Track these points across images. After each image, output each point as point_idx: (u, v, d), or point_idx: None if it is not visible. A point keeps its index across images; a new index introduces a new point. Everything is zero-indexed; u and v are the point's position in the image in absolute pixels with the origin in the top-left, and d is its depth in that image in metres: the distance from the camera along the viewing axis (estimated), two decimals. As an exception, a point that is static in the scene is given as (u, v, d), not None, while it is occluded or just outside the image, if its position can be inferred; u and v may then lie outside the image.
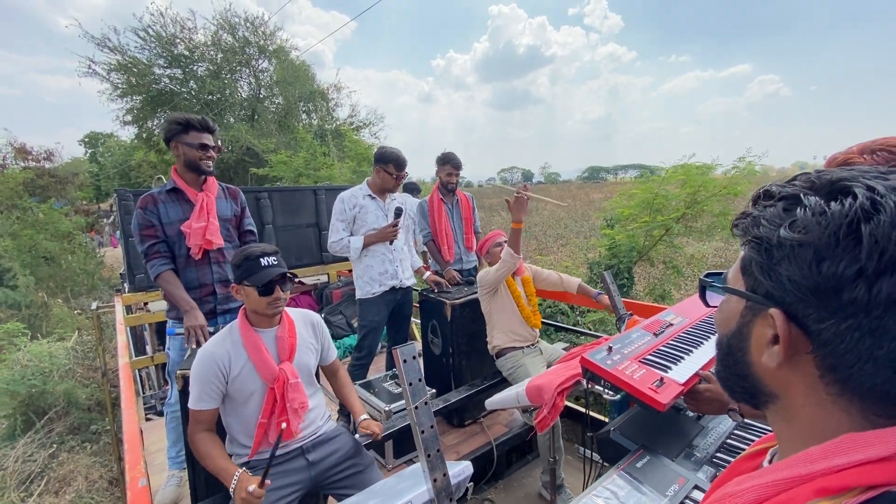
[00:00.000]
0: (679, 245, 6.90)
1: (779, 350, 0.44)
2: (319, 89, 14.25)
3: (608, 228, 7.31)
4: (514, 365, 2.63)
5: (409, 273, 3.07)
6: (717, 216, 6.25)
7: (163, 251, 2.23)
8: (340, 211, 2.86)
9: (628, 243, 6.51)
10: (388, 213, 2.93)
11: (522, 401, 1.77)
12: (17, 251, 8.12)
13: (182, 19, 12.49)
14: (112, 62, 11.95)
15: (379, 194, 2.94)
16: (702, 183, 6.13)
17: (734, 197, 6.19)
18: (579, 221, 20.97)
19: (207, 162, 2.26)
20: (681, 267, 6.90)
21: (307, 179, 9.74)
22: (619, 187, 11.34)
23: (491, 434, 2.80)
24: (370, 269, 2.90)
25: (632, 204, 6.72)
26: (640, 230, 6.49)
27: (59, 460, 4.27)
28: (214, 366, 1.65)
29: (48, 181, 12.55)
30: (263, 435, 1.74)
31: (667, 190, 6.45)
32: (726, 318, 0.52)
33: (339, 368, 2.05)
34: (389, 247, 2.92)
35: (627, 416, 1.60)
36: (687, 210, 6.31)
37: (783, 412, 0.48)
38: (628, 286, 6.44)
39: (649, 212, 6.45)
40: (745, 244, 0.48)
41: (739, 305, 0.49)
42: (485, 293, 2.73)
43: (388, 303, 2.97)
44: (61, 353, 5.33)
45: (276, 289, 1.70)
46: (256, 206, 4.41)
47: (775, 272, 0.44)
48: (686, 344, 1.66)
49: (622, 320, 2.32)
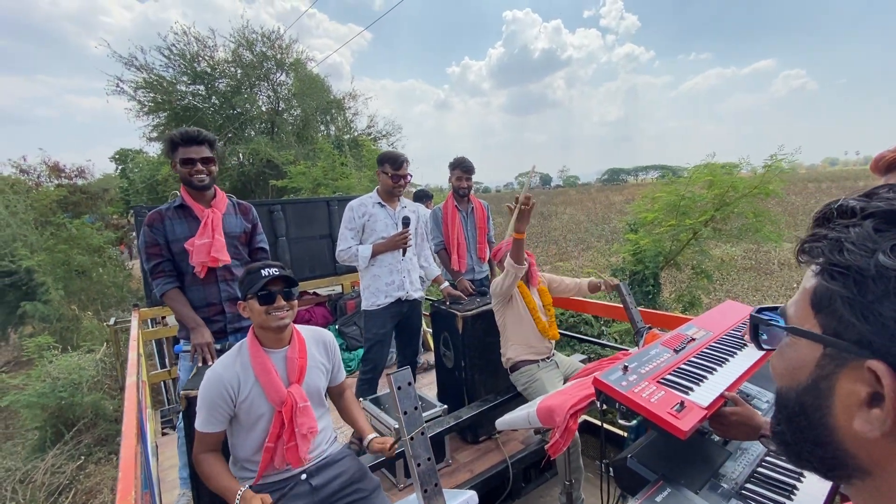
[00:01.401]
0: (708, 249, 6.61)
1: (882, 415, 0.34)
2: (336, 99, 14.42)
3: (632, 233, 7.06)
4: (529, 379, 2.52)
5: (417, 285, 2.98)
6: (750, 218, 5.93)
7: (168, 270, 2.21)
8: (349, 219, 2.80)
9: (654, 248, 6.26)
10: (397, 221, 2.85)
11: (533, 422, 1.67)
12: (51, 265, 8.40)
13: (203, 38, 12.85)
14: (139, 80, 12.36)
15: (388, 202, 2.86)
16: (731, 183, 5.84)
17: (765, 197, 5.88)
18: (600, 225, 20.60)
19: (199, 176, 2.17)
20: (710, 272, 6.61)
21: (326, 189, 9.81)
22: (640, 189, 11.05)
23: (506, 451, 2.68)
24: (377, 280, 2.83)
25: (656, 207, 6.47)
26: (666, 234, 6.23)
27: (87, 472, 4.34)
28: (222, 388, 1.61)
29: (80, 197, 12.99)
30: (270, 460, 1.68)
31: (693, 191, 6.19)
32: (793, 368, 0.42)
33: (346, 389, 1.98)
34: (397, 257, 2.84)
35: (646, 441, 1.48)
36: (716, 212, 6.02)
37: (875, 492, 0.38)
38: (654, 293, 6.20)
39: (675, 215, 6.19)
40: (820, 273, 0.38)
41: (814, 353, 0.39)
42: (498, 304, 2.63)
43: (393, 315, 2.88)
44: (90, 365, 5.43)
45: (277, 297, 1.65)
46: (270, 219, 4.42)
47: (873, 312, 0.34)
48: (710, 361, 1.54)
49: (640, 334, 2.19)
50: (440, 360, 3.02)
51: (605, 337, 5.38)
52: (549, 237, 18.79)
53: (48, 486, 4.10)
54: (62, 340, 7.26)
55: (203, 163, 2.17)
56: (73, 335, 7.70)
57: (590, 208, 27.69)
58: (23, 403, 4.51)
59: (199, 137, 2.17)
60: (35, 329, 7.96)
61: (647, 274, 6.22)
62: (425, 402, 2.67)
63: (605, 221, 21.31)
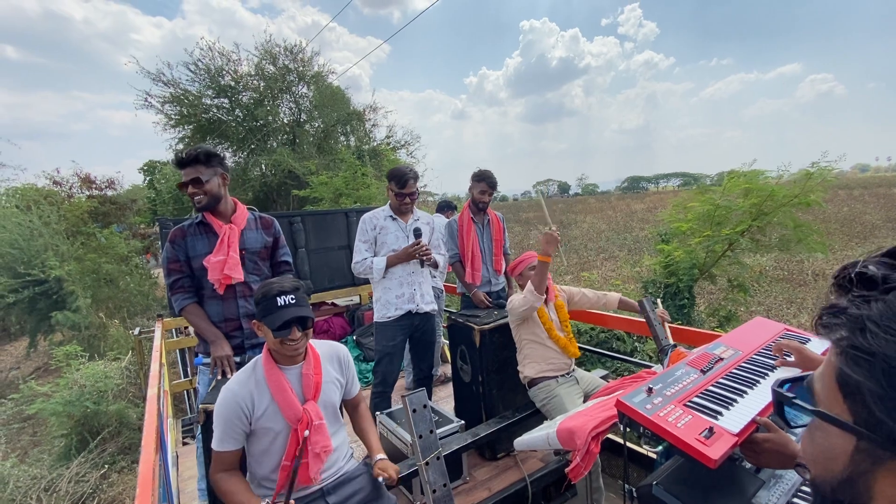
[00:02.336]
0: (745, 262, 6.30)
1: None
2: (355, 111, 14.62)
3: (663, 243, 6.83)
4: (547, 396, 2.46)
5: (430, 298, 2.95)
6: (790, 228, 5.66)
7: (187, 285, 2.22)
8: (362, 231, 2.82)
9: (688, 260, 6.00)
10: (409, 233, 2.84)
11: (553, 444, 1.61)
12: (81, 274, 8.64)
13: (228, 52, 13.22)
14: (166, 94, 12.76)
15: (400, 215, 2.86)
16: (769, 192, 5.59)
17: (806, 207, 5.62)
18: (622, 234, 20.28)
19: (196, 198, 2.15)
20: (747, 284, 6.32)
21: (347, 199, 9.90)
22: (662, 197, 10.82)
23: (525, 469, 2.62)
24: (388, 292, 2.83)
25: (689, 217, 6.25)
26: (700, 245, 5.99)
27: (110, 481, 4.38)
28: (237, 406, 1.60)
29: (109, 208, 13.37)
30: (287, 478, 1.67)
31: (729, 200, 5.94)
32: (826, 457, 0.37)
33: (360, 402, 1.95)
34: (409, 269, 2.82)
35: (673, 466, 1.41)
36: (753, 222, 5.77)
37: None
38: (689, 307, 5.96)
39: (710, 225, 5.96)
40: (843, 354, 0.34)
41: (847, 444, 0.34)
42: (514, 321, 2.58)
43: (403, 328, 2.85)
44: (116, 374, 5.48)
45: (292, 329, 1.63)
46: (290, 230, 4.47)
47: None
48: (740, 383, 1.46)
49: (665, 352, 2.11)
50: (457, 374, 2.98)
51: (639, 354, 5.17)
52: (569, 246, 18.56)
53: (72, 496, 4.13)
54: (90, 348, 7.42)
55: (194, 184, 2.14)
56: (100, 343, 7.88)
57: (610, 217, 27.35)
58: (50, 411, 4.57)
59: (186, 159, 2.13)
60: (64, 336, 8.17)
61: (681, 287, 5.98)
62: (442, 417, 2.63)
63: (626, 230, 20.98)
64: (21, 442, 5.56)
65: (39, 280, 7.86)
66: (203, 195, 2.16)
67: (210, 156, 2.17)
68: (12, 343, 10.44)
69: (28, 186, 11.50)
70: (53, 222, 8.84)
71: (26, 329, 8.69)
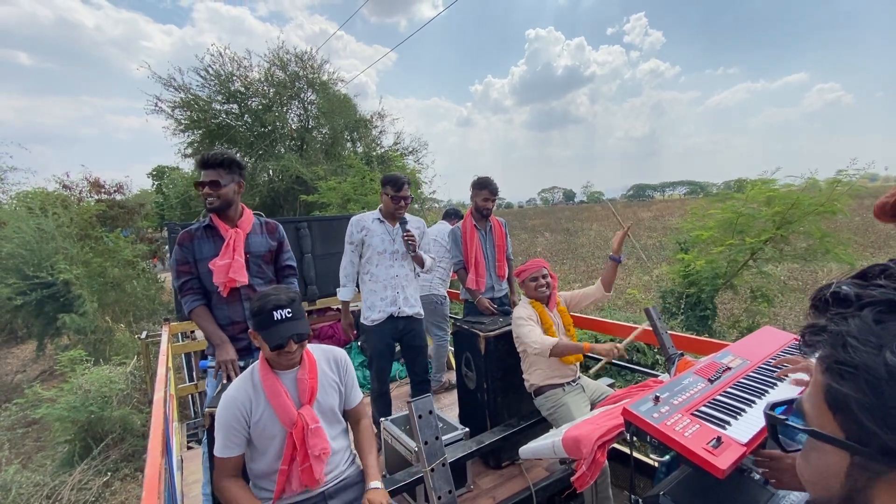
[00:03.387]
0: (768, 272, 6.15)
1: None
2: (363, 118, 14.70)
3: (683, 252, 6.68)
4: (554, 404, 2.44)
5: (412, 301, 2.96)
6: (817, 237, 5.50)
7: (195, 287, 2.25)
8: (349, 234, 2.91)
9: (710, 269, 5.86)
10: (394, 237, 2.90)
11: (559, 452, 1.60)
12: (88, 278, 8.68)
13: (239, 58, 13.34)
14: (176, 100, 12.88)
15: (388, 219, 2.92)
16: (795, 200, 5.46)
17: (831, 215, 5.50)
18: (629, 242, 20.17)
19: (209, 199, 2.22)
20: (771, 295, 6.15)
21: (355, 205, 9.92)
22: (669, 205, 10.73)
23: (530, 478, 2.59)
24: (373, 294, 2.90)
25: (710, 225, 6.10)
26: (723, 254, 5.83)
27: (113, 489, 4.32)
28: (237, 410, 1.62)
29: (118, 212, 13.47)
30: (285, 482, 1.68)
31: (752, 208, 5.80)
32: (823, 476, 0.37)
33: (362, 417, 1.92)
34: (392, 272, 2.88)
35: (680, 476, 1.40)
36: (777, 231, 5.63)
37: None
38: (711, 318, 5.82)
39: (732, 233, 5.82)
40: (828, 371, 0.34)
41: (842, 461, 0.34)
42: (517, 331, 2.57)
43: (389, 331, 2.90)
44: (120, 379, 5.46)
45: (288, 342, 1.62)
46: (296, 235, 4.48)
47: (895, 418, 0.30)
48: (748, 393, 1.45)
49: (672, 361, 2.09)
50: (462, 381, 2.97)
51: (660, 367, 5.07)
52: (576, 254, 18.44)
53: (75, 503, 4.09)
54: (95, 352, 7.42)
55: (211, 186, 2.21)
56: (106, 347, 7.89)
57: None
58: (54, 416, 4.54)
59: (210, 161, 2.21)
60: (71, 340, 8.18)
61: (702, 297, 5.83)
62: (446, 424, 2.61)
63: (634, 238, 20.84)
64: (25, 447, 5.50)
65: (47, 283, 7.90)
66: (216, 198, 2.22)
67: (233, 163, 2.26)
68: (18, 346, 10.48)
69: (39, 190, 11.63)
70: (65, 225, 8.91)
71: (33, 332, 8.71)
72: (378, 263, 2.88)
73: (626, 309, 7.64)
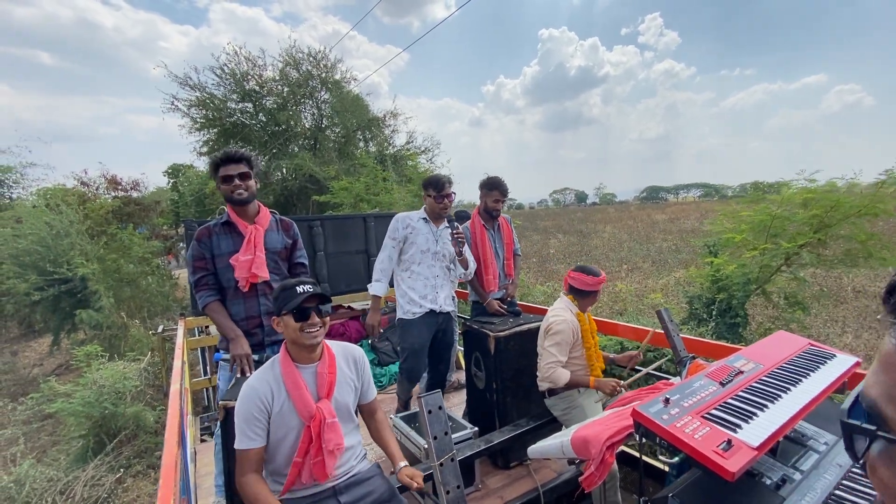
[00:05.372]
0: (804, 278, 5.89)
1: None
2: (375, 117, 14.77)
3: (710, 255, 6.44)
4: (568, 405, 2.44)
5: (449, 302, 3.05)
6: (861, 241, 5.21)
7: (211, 283, 2.30)
8: (393, 229, 2.96)
9: (742, 274, 5.62)
10: (438, 238, 2.96)
11: (567, 452, 1.60)
12: (103, 274, 8.81)
13: (253, 57, 13.48)
14: (192, 98, 13.05)
15: (433, 220, 2.99)
16: (834, 202, 5.18)
17: (873, 217, 5.22)
18: (644, 244, 19.87)
19: (238, 192, 2.27)
20: (807, 303, 5.89)
21: (367, 205, 9.97)
22: (684, 207, 10.53)
23: (538, 479, 2.59)
24: (412, 291, 2.95)
25: (742, 228, 5.83)
26: (758, 258, 5.56)
27: (125, 486, 4.33)
28: (258, 400, 1.64)
29: (133, 209, 13.69)
30: (297, 474, 1.70)
31: (787, 210, 5.54)
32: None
33: (377, 410, 1.97)
34: (434, 272, 2.96)
35: (690, 479, 1.39)
36: (815, 234, 5.35)
37: None
38: (742, 325, 5.59)
39: (766, 236, 5.57)
40: None
41: None
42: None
43: (429, 325, 2.96)
44: (134, 375, 5.48)
45: (311, 314, 1.67)
46: (310, 234, 4.53)
47: None
48: (760, 396, 1.44)
49: (683, 364, 2.08)
50: (471, 381, 2.98)
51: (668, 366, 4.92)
52: (590, 256, 18.21)
53: (87, 500, 4.09)
54: (110, 348, 7.50)
55: (240, 178, 2.27)
56: (121, 343, 7.99)
57: (631, 227, 26.90)
58: (69, 411, 4.57)
59: (235, 156, 2.27)
60: (87, 335, 8.32)
61: (733, 304, 5.58)
62: (455, 423, 2.63)
63: (649, 241, 20.57)
64: (40, 441, 5.54)
65: (65, 279, 8.04)
66: (245, 190, 2.28)
67: (251, 159, 2.34)
68: (36, 339, 10.67)
69: (58, 187, 11.86)
70: (77, 222, 9.04)
71: (50, 326, 8.86)
72: (421, 262, 2.95)
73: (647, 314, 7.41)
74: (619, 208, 52.63)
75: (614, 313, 8.54)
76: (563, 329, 2.40)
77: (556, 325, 2.41)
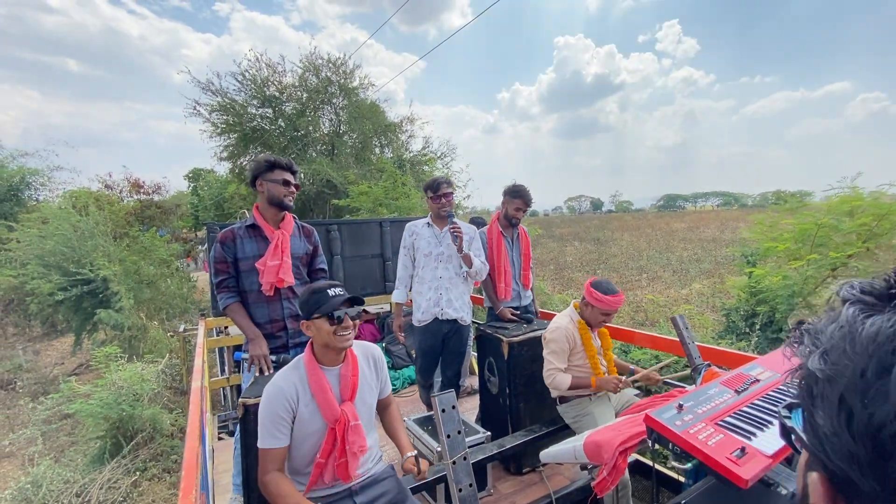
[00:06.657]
0: None
1: None
2: (391, 123, 14.91)
3: (748, 265, 6.23)
4: (579, 413, 2.43)
5: (458, 305, 3.03)
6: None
7: (231, 286, 2.35)
8: (404, 239, 3.11)
9: (785, 286, 5.36)
10: (440, 240, 3.02)
11: (580, 457, 1.61)
12: (125, 275, 9.01)
13: (274, 64, 13.74)
14: (214, 104, 13.35)
15: (437, 223, 3.07)
16: (886, 210, 4.98)
17: None
18: (663, 253, 19.57)
19: (290, 197, 2.41)
20: None
21: (386, 209, 10.02)
22: (703, 216, 10.33)
23: (550, 486, 2.58)
24: (420, 296, 3.05)
25: (785, 237, 5.59)
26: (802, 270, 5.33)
27: (140, 490, 4.33)
28: (284, 400, 1.65)
29: (154, 211, 14.05)
30: (319, 475, 1.71)
31: (835, 219, 5.30)
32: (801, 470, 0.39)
33: (391, 403, 2.00)
34: (437, 274, 3.01)
35: (703, 487, 1.39)
36: (864, 244, 5.13)
37: None
38: None
39: (810, 246, 5.33)
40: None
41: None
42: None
43: (434, 333, 3.04)
44: (152, 377, 5.48)
45: (345, 318, 1.70)
46: (327, 238, 4.61)
47: (813, 422, 0.33)
48: (775, 405, 1.43)
49: (698, 371, 2.07)
50: (484, 386, 2.99)
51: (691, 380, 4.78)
52: (608, 264, 17.96)
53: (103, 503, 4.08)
54: (130, 348, 7.63)
55: (296, 187, 2.45)
56: (140, 344, 8.12)
57: (649, 235, 26.54)
58: (87, 412, 4.59)
59: (293, 166, 2.44)
60: (107, 336, 8.49)
61: (776, 318, 5.33)
62: (468, 427, 2.64)
63: (668, 250, 20.26)
64: (58, 441, 5.57)
65: (87, 279, 8.23)
66: (292, 196, 2.43)
67: None
68: (58, 339, 10.91)
69: (83, 190, 12.19)
70: (100, 223, 9.26)
71: (72, 326, 9.04)
72: (424, 265, 3.03)
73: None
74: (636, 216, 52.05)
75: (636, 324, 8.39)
76: (556, 337, 2.46)
77: (549, 332, 2.51)
